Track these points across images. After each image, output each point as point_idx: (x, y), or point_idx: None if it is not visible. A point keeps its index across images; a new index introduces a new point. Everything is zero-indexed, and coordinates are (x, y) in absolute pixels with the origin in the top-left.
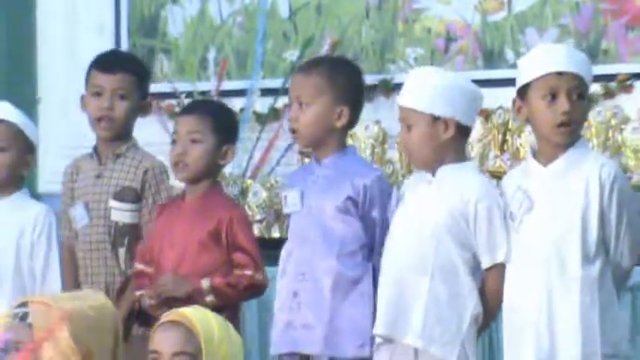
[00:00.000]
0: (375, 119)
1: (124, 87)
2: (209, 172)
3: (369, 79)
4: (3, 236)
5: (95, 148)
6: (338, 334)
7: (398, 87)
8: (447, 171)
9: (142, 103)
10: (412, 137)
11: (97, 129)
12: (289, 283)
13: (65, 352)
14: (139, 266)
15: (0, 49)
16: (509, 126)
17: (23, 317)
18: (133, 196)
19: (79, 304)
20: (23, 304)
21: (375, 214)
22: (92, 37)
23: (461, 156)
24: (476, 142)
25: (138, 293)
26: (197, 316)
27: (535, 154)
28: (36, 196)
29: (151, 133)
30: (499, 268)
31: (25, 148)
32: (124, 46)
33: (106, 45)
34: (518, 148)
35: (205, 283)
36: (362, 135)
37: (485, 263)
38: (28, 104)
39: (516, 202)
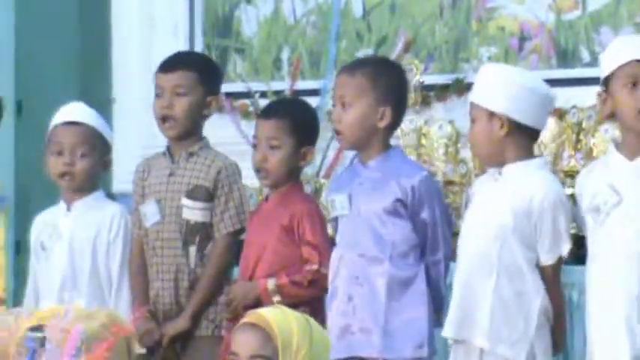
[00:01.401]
0: (449, 119)
1: (182, 84)
2: (290, 176)
3: (442, 78)
4: (80, 237)
5: (168, 147)
6: (394, 336)
7: (471, 86)
8: (512, 169)
9: (206, 99)
10: (474, 132)
11: (162, 129)
12: (343, 287)
13: None
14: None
15: (74, 49)
16: (583, 125)
17: (42, 343)
18: (206, 195)
19: (92, 324)
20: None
21: (424, 214)
22: (166, 38)
23: (525, 153)
24: (550, 142)
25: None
26: (276, 318)
27: (618, 148)
28: (110, 195)
29: (225, 133)
30: (558, 263)
31: (103, 150)
32: (198, 46)
33: (180, 45)
34: (591, 148)
35: (271, 284)
36: (435, 134)
37: (548, 260)
38: (102, 104)
39: (602, 196)
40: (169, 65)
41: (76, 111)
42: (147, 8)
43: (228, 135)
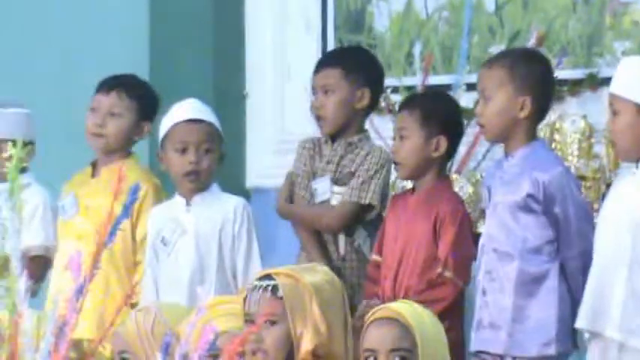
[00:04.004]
0: (582, 114)
1: (329, 83)
2: (423, 166)
3: (575, 73)
4: (205, 231)
5: (330, 136)
6: (522, 332)
7: (605, 81)
8: None
9: (354, 95)
10: (616, 124)
11: (319, 127)
12: (481, 280)
13: (315, 326)
14: (374, 257)
15: (208, 46)
16: None
17: (274, 290)
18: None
19: (318, 277)
20: (267, 277)
21: (557, 209)
22: (299, 34)
23: None
24: None
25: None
26: (409, 311)
27: None
28: (244, 191)
29: None
30: None
31: (220, 145)
32: (331, 41)
33: (313, 41)
34: None
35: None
36: (568, 129)
37: None
38: (235, 100)
39: None
40: (320, 65)
41: (196, 109)
42: (280, 4)
43: None
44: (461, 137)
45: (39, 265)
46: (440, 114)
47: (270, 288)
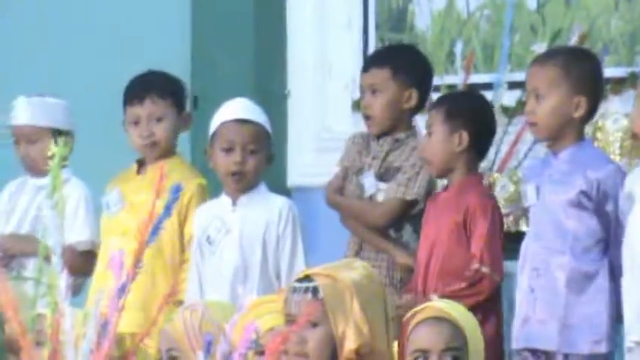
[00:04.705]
0: (624, 112)
1: (377, 83)
2: (449, 162)
3: (618, 71)
4: (250, 231)
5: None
6: (573, 330)
7: None
8: None
9: (402, 95)
10: None
11: (366, 127)
12: (527, 278)
13: (357, 325)
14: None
15: (248, 44)
16: None
17: (314, 291)
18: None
19: (356, 274)
20: (307, 277)
21: (609, 208)
22: (340, 32)
23: None
24: None
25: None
26: (456, 309)
27: None
28: (286, 190)
29: None
30: None
31: (269, 146)
32: (372, 40)
33: (355, 39)
34: None
35: (434, 299)
36: (610, 128)
37: None
38: (276, 98)
39: None
40: (367, 65)
41: (245, 108)
42: (321, 2)
43: None
44: (488, 134)
45: (87, 260)
46: (463, 110)
47: (310, 289)
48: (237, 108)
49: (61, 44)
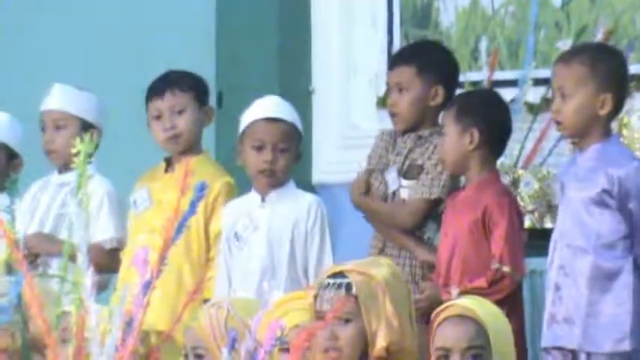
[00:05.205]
0: None
1: (403, 80)
2: (463, 160)
3: None
4: (278, 228)
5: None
6: (596, 328)
7: None
8: None
9: (428, 93)
10: None
11: (393, 124)
12: (554, 276)
13: (389, 322)
14: None
15: (273, 41)
16: None
17: (347, 288)
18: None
19: (385, 271)
20: (339, 274)
21: (632, 205)
22: (365, 29)
23: None
24: None
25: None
26: (481, 308)
27: None
28: (310, 187)
29: None
30: None
31: (299, 144)
32: (397, 36)
33: (379, 36)
34: None
35: (454, 294)
36: (635, 124)
37: None
38: (301, 96)
39: None
40: (394, 63)
41: (277, 107)
42: (346, 0)
43: None
44: (502, 132)
45: (112, 257)
46: (473, 108)
47: (343, 285)
48: (269, 106)
49: (90, 44)
